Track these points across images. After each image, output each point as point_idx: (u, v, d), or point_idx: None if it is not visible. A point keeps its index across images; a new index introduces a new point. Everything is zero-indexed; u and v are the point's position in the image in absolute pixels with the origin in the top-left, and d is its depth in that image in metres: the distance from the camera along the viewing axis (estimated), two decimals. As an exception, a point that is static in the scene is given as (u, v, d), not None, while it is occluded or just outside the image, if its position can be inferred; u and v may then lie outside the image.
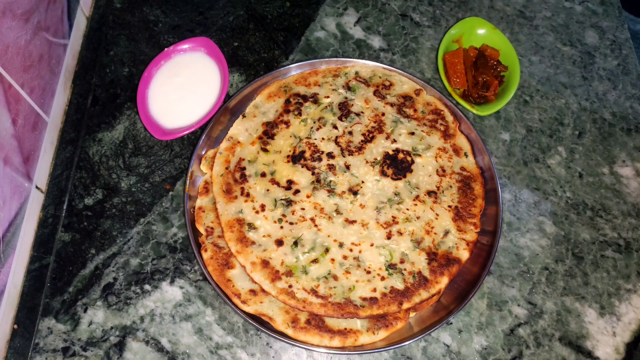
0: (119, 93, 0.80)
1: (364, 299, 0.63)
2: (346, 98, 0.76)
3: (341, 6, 0.87)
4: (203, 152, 0.73)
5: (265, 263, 0.65)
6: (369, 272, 0.65)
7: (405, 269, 0.65)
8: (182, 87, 0.78)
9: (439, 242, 0.68)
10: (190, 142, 0.77)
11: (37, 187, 0.71)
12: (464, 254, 0.67)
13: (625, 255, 0.71)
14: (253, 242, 0.66)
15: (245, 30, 0.85)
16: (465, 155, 0.74)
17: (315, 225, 0.68)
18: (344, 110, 0.75)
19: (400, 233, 0.68)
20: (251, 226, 0.67)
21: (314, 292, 0.64)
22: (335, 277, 0.64)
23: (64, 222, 0.71)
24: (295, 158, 0.72)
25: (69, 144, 0.76)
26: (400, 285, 0.64)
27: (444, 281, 0.65)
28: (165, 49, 0.79)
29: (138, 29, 0.85)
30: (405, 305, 0.64)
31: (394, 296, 0.64)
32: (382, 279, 0.65)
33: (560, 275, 0.70)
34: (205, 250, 0.67)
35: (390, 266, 0.66)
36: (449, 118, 0.76)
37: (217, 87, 0.77)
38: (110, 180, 0.74)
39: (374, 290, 0.64)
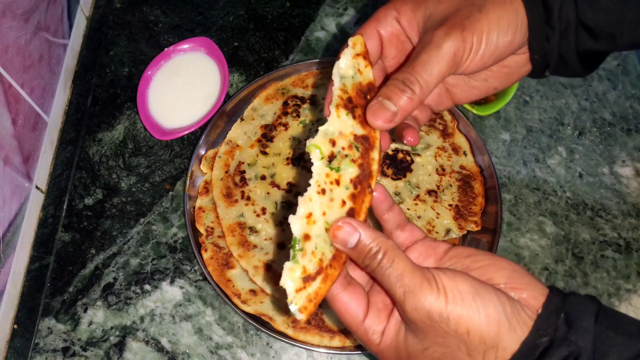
0: (118, 93, 0.80)
1: None
2: (345, 98, 0.76)
3: (341, 6, 0.87)
4: (203, 152, 0.73)
5: (267, 267, 0.65)
6: None
7: None
8: (182, 87, 0.78)
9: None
10: (190, 142, 0.77)
11: (37, 187, 0.71)
12: None
13: (625, 256, 0.71)
14: (255, 246, 0.66)
15: (245, 30, 0.85)
16: (465, 154, 0.74)
17: (316, 226, 0.68)
18: (344, 110, 0.75)
19: (400, 233, 0.68)
20: (252, 230, 0.68)
21: None
22: None
23: (64, 222, 0.71)
24: (295, 160, 0.72)
25: (69, 144, 0.76)
26: None
27: None
28: (165, 49, 0.79)
29: (138, 29, 0.85)
30: None
31: None
32: None
33: (560, 275, 0.70)
34: (205, 250, 0.67)
35: None
36: (447, 117, 0.76)
37: (217, 87, 0.77)
38: (110, 180, 0.74)
39: None
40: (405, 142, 0.50)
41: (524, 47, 0.49)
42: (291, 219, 0.42)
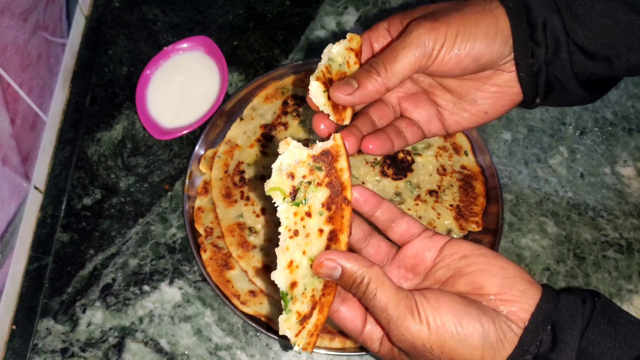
0: (117, 92, 0.80)
1: None
2: (346, 98, 0.76)
3: (341, 5, 0.87)
4: (202, 152, 0.73)
5: (267, 267, 0.65)
6: None
7: None
8: (181, 86, 0.78)
9: None
10: (189, 142, 0.76)
11: (35, 187, 0.71)
12: None
13: (626, 256, 0.71)
14: (254, 247, 0.66)
15: (245, 29, 0.85)
16: (466, 153, 0.74)
17: (316, 227, 0.67)
18: (344, 110, 0.75)
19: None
20: (252, 230, 0.67)
21: None
22: None
23: (62, 223, 0.71)
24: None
25: (67, 144, 0.76)
26: None
27: None
28: (164, 48, 0.79)
29: (137, 28, 0.84)
30: None
31: None
32: None
33: (561, 276, 0.70)
34: (205, 251, 0.67)
35: None
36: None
37: (216, 87, 0.77)
38: (109, 180, 0.74)
39: None
40: (362, 148, 0.49)
41: (511, 62, 0.48)
42: (274, 275, 0.42)
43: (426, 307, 0.41)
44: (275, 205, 0.43)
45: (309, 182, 0.43)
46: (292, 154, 0.42)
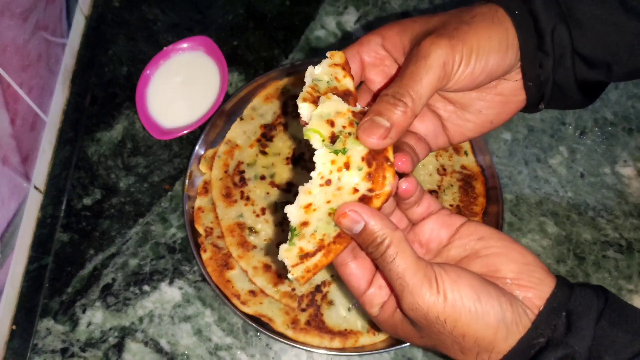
0: (117, 92, 0.80)
1: None
2: (346, 98, 0.76)
3: (341, 5, 0.87)
4: (202, 152, 0.73)
5: (267, 267, 0.65)
6: None
7: None
8: (181, 86, 0.78)
9: None
10: (189, 142, 0.76)
11: (35, 187, 0.71)
12: None
13: (626, 256, 0.71)
14: (254, 246, 0.66)
15: (245, 29, 0.85)
16: (466, 153, 0.74)
17: (317, 227, 0.67)
18: (344, 110, 0.75)
19: (401, 233, 0.67)
20: (252, 230, 0.67)
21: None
22: None
23: (62, 223, 0.71)
24: (295, 160, 0.72)
25: (67, 144, 0.76)
26: None
27: None
28: (164, 48, 0.79)
29: (137, 28, 0.85)
30: None
31: None
32: None
33: (562, 275, 0.70)
34: (205, 251, 0.67)
35: None
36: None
37: (216, 86, 0.77)
38: (109, 180, 0.74)
39: None
40: (395, 167, 0.47)
41: (516, 71, 0.47)
42: (287, 208, 0.41)
43: (445, 279, 0.40)
44: (313, 148, 0.41)
45: (349, 133, 0.41)
46: (332, 105, 0.41)
